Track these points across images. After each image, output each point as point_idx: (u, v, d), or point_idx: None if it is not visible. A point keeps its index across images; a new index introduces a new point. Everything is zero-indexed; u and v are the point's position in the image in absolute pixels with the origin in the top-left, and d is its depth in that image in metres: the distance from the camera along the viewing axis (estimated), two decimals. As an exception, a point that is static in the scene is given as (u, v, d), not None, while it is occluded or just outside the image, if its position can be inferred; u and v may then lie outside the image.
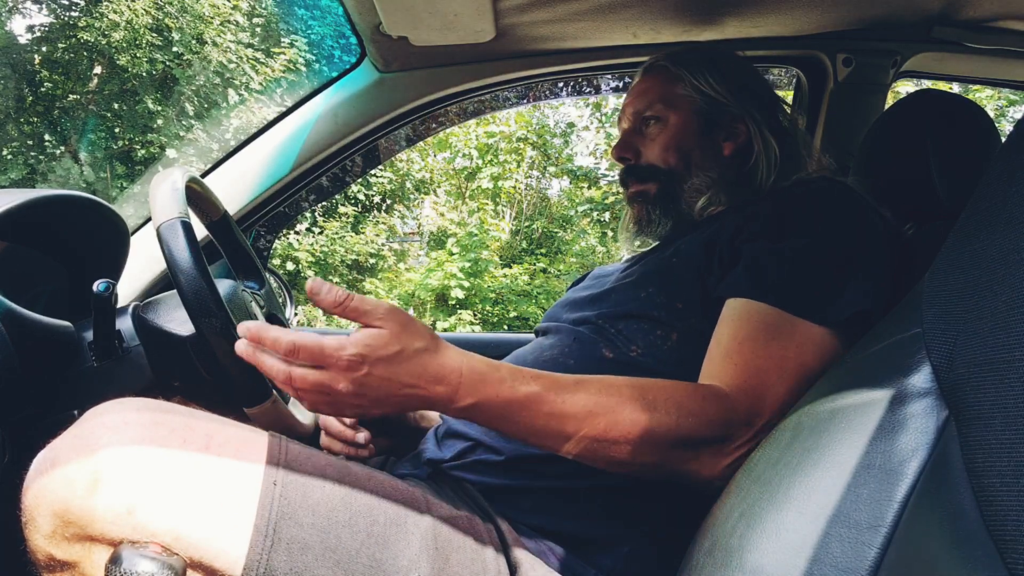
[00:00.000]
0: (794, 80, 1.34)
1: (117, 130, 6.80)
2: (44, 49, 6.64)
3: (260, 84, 6.71)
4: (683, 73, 0.91)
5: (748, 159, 0.90)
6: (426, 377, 0.57)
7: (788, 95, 1.36)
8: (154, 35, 6.42)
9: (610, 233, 7.55)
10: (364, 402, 0.57)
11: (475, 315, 6.91)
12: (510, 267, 7.22)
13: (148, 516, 0.50)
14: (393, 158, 7.19)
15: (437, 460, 0.76)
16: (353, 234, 7.25)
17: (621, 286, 0.83)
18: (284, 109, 1.32)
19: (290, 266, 6.90)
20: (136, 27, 6.29)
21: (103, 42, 6.32)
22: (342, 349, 0.54)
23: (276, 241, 1.55)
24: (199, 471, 0.53)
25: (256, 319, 0.88)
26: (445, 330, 6.68)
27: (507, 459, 0.71)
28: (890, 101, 1.20)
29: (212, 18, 6.58)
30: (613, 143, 0.97)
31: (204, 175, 1.30)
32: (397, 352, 0.56)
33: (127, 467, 0.51)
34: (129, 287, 1.22)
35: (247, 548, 0.52)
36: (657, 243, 0.94)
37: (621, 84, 1.64)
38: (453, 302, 6.70)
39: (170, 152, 6.64)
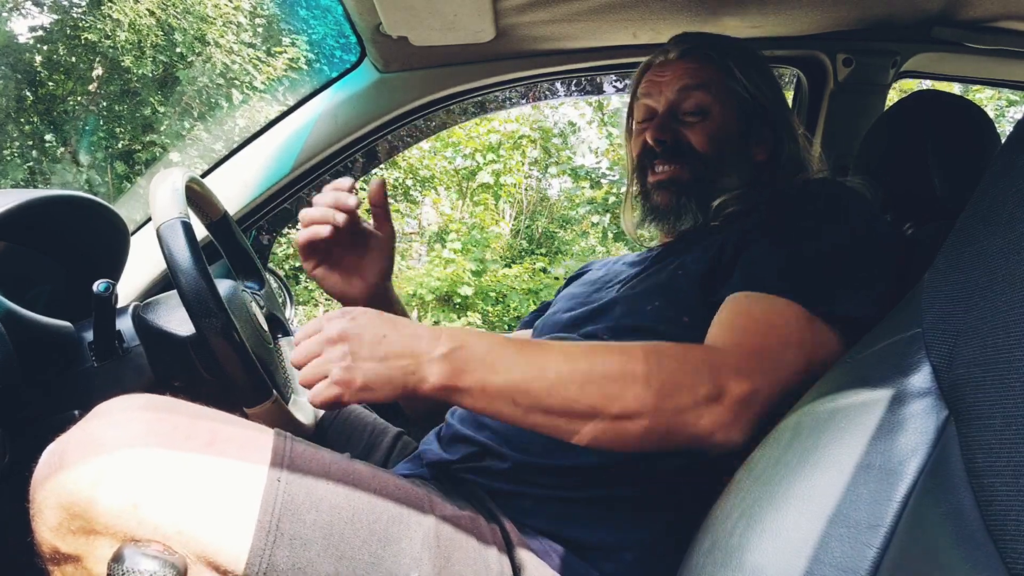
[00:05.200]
0: (794, 80, 1.34)
1: (118, 131, 6.80)
2: (45, 49, 6.65)
3: (263, 83, 6.72)
4: (731, 66, 0.86)
5: (774, 166, 0.87)
6: (405, 327, 0.61)
7: (788, 95, 1.36)
8: (157, 35, 6.43)
9: (611, 235, 7.55)
10: (352, 360, 0.58)
11: (478, 314, 6.91)
12: (510, 267, 7.22)
13: (152, 511, 0.50)
14: (396, 157, 7.19)
15: (444, 461, 0.76)
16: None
17: (625, 297, 0.81)
18: (286, 108, 1.32)
19: (295, 263, 6.88)
20: (139, 28, 6.30)
21: (106, 43, 6.33)
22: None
23: (279, 239, 1.55)
24: (204, 467, 0.53)
25: (256, 319, 0.88)
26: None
27: (513, 466, 0.71)
28: (892, 101, 1.20)
29: (215, 19, 6.58)
30: (614, 143, 0.96)
31: (204, 175, 1.30)
32: (377, 313, 0.62)
33: (132, 463, 0.51)
34: (129, 287, 1.22)
35: (250, 544, 0.52)
36: (659, 250, 0.90)
37: (621, 84, 1.64)
38: (459, 300, 6.70)
39: (173, 155, 6.64)
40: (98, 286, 0.73)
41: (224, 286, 0.82)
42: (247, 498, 0.53)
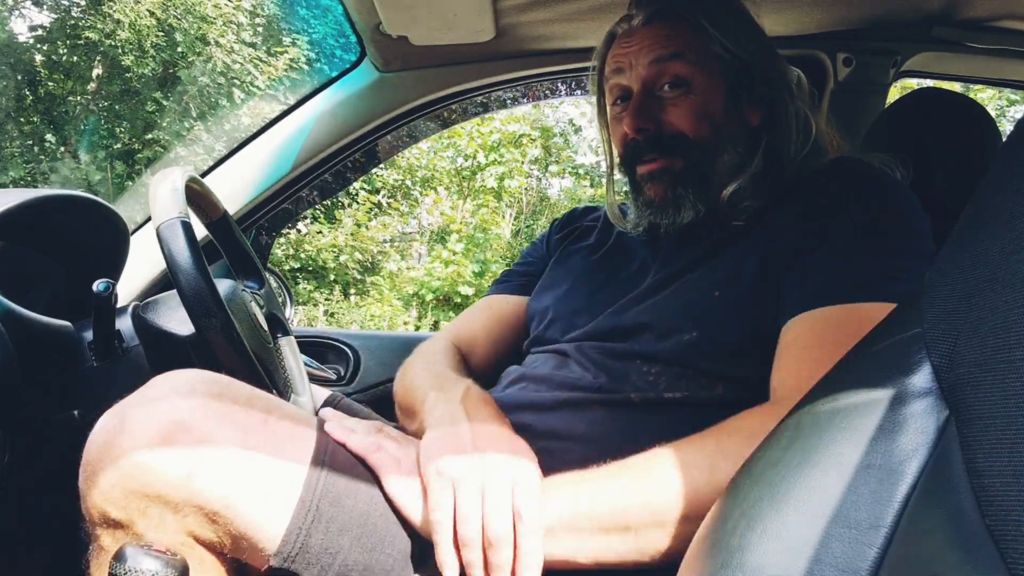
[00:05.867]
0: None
1: (118, 130, 6.80)
2: (45, 49, 6.65)
3: (263, 83, 6.72)
4: (707, 26, 0.75)
5: (774, 131, 0.78)
6: None
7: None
8: (158, 36, 6.43)
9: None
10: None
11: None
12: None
13: (205, 483, 0.51)
14: (397, 156, 7.19)
15: None
16: (353, 234, 7.24)
17: (654, 321, 0.72)
18: (286, 108, 1.32)
19: (294, 263, 6.88)
20: (139, 28, 6.30)
21: (106, 43, 6.33)
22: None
23: (278, 239, 1.56)
24: (256, 445, 0.54)
25: (256, 319, 0.88)
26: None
27: None
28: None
29: (215, 19, 6.58)
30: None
31: (204, 175, 1.30)
32: None
33: (191, 434, 0.52)
34: (129, 287, 1.22)
35: (288, 521, 0.53)
36: (674, 248, 0.80)
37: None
38: (459, 300, 6.70)
39: (173, 155, 6.65)
40: (98, 286, 0.73)
41: (224, 286, 0.82)
42: (293, 477, 0.54)
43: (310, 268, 6.96)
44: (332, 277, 7.06)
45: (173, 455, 0.51)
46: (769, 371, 0.64)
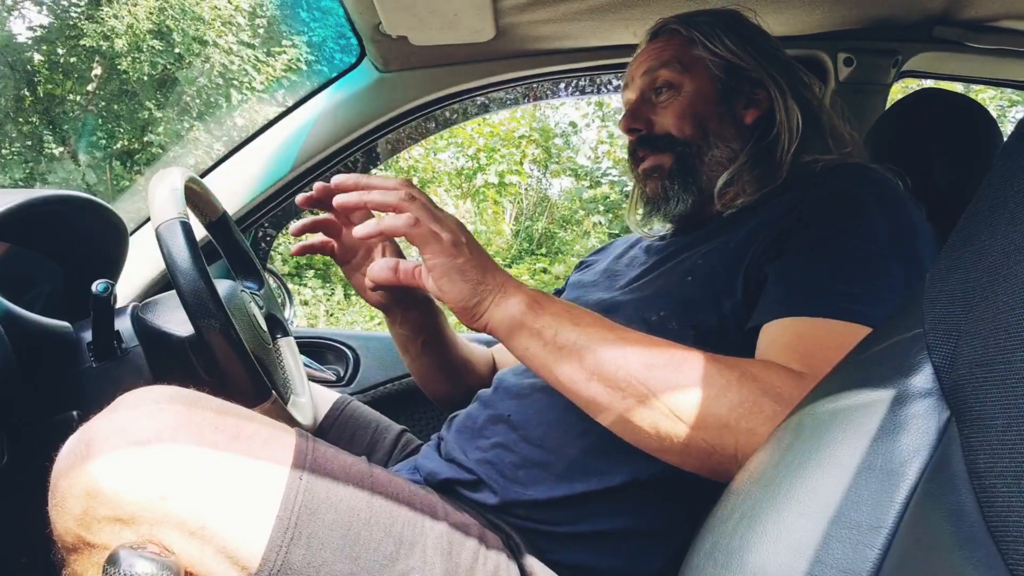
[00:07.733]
0: (795, 80, 1.33)
1: (117, 131, 6.81)
2: (44, 49, 6.66)
3: (262, 83, 6.72)
4: (696, 35, 0.83)
5: (770, 129, 0.81)
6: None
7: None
8: (153, 45, 6.43)
9: (613, 234, 7.54)
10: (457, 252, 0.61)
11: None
12: (510, 267, 7.21)
13: (179, 505, 0.50)
14: (396, 157, 7.19)
15: (438, 480, 0.75)
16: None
17: (629, 301, 0.75)
18: (285, 108, 1.32)
19: (295, 263, 6.86)
20: (137, 32, 6.30)
21: (104, 45, 6.33)
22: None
23: (278, 239, 1.56)
24: (229, 463, 0.54)
25: (255, 320, 0.88)
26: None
27: (500, 502, 0.70)
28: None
29: (213, 20, 6.59)
30: (615, 143, 0.94)
31: (203, 175, 1.30)
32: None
33: (162, 455, 0.52)
34: (128, 287, 1.22)
35: (267, 540, 0.52)
36: (669, 241, 0.86)
37: (622, 84, 1.64)
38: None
39: (171, 154, 6.65)
40: (97, 286, 0.73)
41: (223, 286, 0.82)
42: (269, 494, 0.54)
43: (319, 268, 6.95)
44: (337, 278, 7.06)
45: (143, 478, 0.50)
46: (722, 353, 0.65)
